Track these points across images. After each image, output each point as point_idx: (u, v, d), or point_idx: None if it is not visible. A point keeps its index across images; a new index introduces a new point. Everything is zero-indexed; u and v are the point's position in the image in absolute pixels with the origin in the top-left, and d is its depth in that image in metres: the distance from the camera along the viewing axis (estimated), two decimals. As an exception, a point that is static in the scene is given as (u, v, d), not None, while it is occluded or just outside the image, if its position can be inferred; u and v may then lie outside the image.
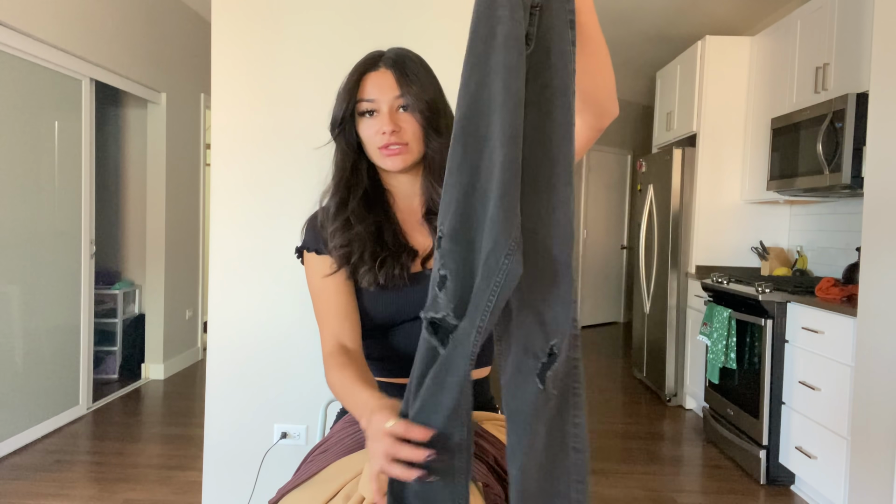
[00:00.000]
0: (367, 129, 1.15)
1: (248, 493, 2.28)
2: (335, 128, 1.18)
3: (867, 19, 2.76)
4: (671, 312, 4.14)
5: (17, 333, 3.14)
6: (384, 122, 1.12)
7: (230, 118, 2.27)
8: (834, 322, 2.53)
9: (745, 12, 4.43)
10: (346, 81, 1.16)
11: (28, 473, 2.80)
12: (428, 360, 0.78)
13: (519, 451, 0.77)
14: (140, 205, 4.59)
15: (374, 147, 1.15)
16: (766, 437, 2.91)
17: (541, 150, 0.78)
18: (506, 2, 0.75)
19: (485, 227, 0.73)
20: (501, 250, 0.71)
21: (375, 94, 1.13)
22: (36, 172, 3.26)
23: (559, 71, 0.78)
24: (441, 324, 0.76)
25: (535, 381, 0.77)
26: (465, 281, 0.75)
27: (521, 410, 0.77)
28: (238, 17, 2.24)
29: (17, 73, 3.10)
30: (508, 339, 0.79)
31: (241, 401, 2.31)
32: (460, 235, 0.75)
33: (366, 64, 1.16)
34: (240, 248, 2.29)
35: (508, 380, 0.78)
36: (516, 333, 0.78)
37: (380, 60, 1.16)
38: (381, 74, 1.14)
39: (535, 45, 0.78)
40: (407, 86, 1.13)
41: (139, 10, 4.05)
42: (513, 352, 0.78)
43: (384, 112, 1.13)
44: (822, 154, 2.92)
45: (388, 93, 1.13)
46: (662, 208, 4.27)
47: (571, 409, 0.80)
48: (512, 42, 0.74)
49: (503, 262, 0.71)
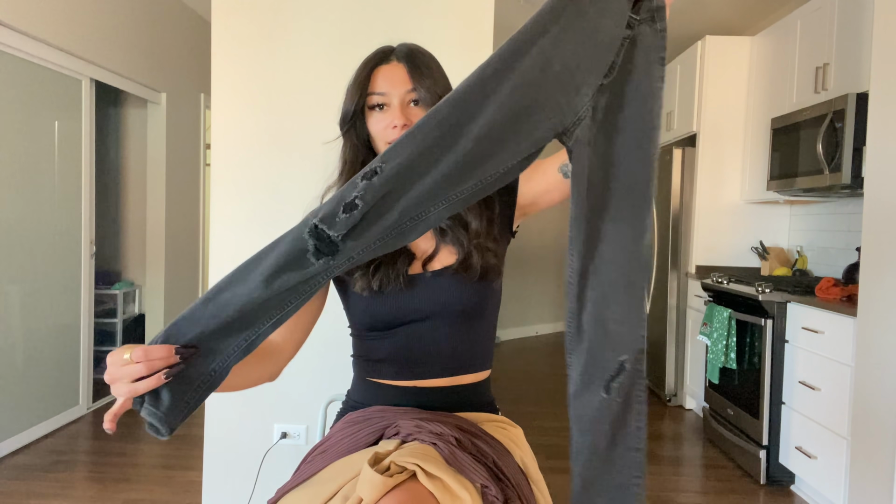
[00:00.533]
0: (376, 123, 1.12)
1: (248, 493, 2.28)
2: (345, 123, 1.15)
3: (867, 19, 2.76)
4: (671, 312, 4.14)
5: (17, 333, 3.14)
6: (395, 116, 1.10)
7: (230, 118, 2.27)
8: (834, 322, 2.53)
9: (745, 12, 4.43)
10: (356, 75, 1.13)
11: (28, 473, 2.80)
12: (291, 258, 0.81)
13: (584, 450, 0.87)
14: (140, 205, 4.59)
15: (384, 141, 1.13)
16: (766, 437, 2.91)
17: (618, 181, 0.82)
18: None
19: (411, 191, 0.80)
20: (409, 217, 0.81)
21: (387, 87, 1.10)
22: (36, 172, 3.26)
23: (639, 105, 0.81)
24: (325, 239, 0.81)
25: (601, 391, 0.85)
26: (370, 219, 0.81)
27: (586, 415, 0.86)
28: (238, 17, 2.24)
29: (17, 73, 3.10)
30: (581, 353, 0.86)
31: (241, 401, 2.31)
32: (392, 182, 0.80)
33: (376, 57, 1.13)
34: (240, 248, 2.29)
35: (577, 389, 0.86)
36: (588, 348, 0.85)
37: (391, 54, 1.14)
38: (392, 67, 1.11)
39: (617, 75, 0.81)
40: (419, 79, 1.10)
41: (139, 10, 4.05)
42: (584, 363, 0.85)
43: (395, 106, 1.10)
44: (822, 154, 2.92)
45: (399, 86, 1.10)
46: (662, 208, 4.27)
47: (635, 415, 0.87)
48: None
49: (406, 224, 0.81)
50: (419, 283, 1.15)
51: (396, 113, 1.10)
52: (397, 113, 1.10)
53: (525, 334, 6.51)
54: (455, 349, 1.18)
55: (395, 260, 1.14)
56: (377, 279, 1.12)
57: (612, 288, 0.83)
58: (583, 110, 0.81)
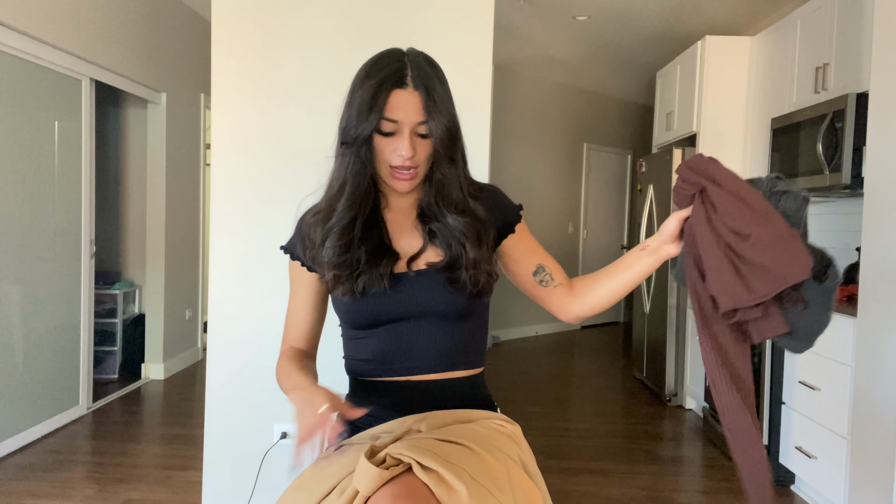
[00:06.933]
0: (383, 145, 1.11)
1: (248, 493, 2.28)
2: (357, 141, 1.11)
3: (867, 19, 2.76)
4: (671, 312, 4.14)
5: (17, 333, 3.15)
6: (404, 146, 1.10)
7: (230, 118, 2.27)
8: (834, 322, 2.53)
9: (745, 12, 4.43)
10: (372, 93, 1.09)
11: (28, 473, 2.80)
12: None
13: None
14: (140, 205, 4.59)
15: (386, 165, 1.13)
16: (766, 437, 2.91)
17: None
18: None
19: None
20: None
21: (401, 115, 1.09)
22: (36, 172, 3.26)
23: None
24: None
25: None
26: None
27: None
28: (238, 17, 2.25)
29: (17, 73, 3.10)
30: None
31: (241, 401, 2.31)
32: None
33: (393, 78, 1.09)
34: (240, 248, 2.29)
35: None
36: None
37: (406, 76, 1.10)
38: (408, 95, 1.09)
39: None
40: (431, 113, 1.10)
41: (139, 10, 4.05)
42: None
43: (405, 135, 1.10)
44: (822, 154, 2.92)
45: (412, 116, 1.09)
46: (662, 208, 4.27)
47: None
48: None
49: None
50: (401, 281, 1.17)
51: (406, 144, 1.10)
52: (407, 144, 1.10)
53: (525, 334, 6.51)
54: (444, 345, 1.20)
55: (379, 262, 1.15)
56: (360, 283, 1.14)
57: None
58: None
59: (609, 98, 7.34)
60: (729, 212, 0.99)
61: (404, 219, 1.22)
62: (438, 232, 1.17)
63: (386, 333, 1.19)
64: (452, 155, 1.15)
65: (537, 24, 4.85)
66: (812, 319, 1.02)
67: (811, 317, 1.01)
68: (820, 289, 1.00)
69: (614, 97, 7.38)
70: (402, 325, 1.18)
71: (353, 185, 1.15)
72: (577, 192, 7.06)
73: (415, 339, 1.18)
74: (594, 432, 3.49)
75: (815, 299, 1.00)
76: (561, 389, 4.50)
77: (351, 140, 1.12)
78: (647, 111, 7.41)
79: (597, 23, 4.79)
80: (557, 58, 5.85)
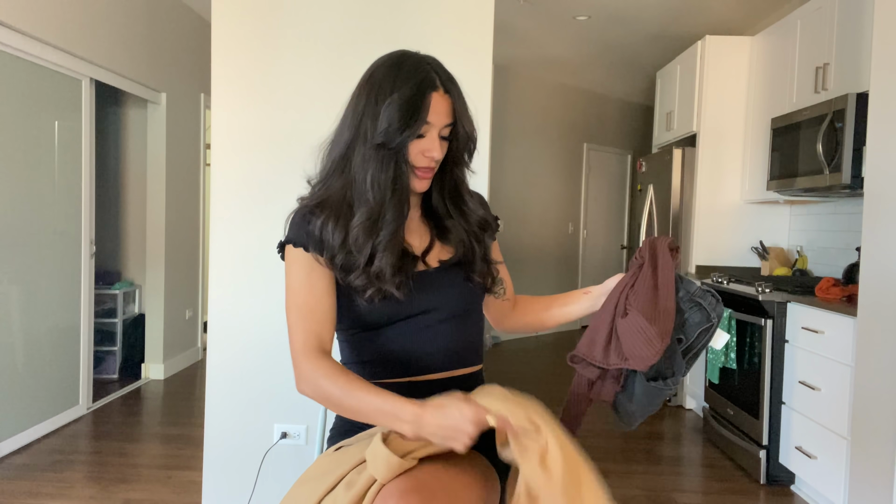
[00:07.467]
0: (413, 146, 1.12)
1: (248, 493, 2.28)
2: (400, 145, 1.10)
3: (867, 19, 2.76)
4: (671, 312, 4.13)
5: (17, 333, 3.14)
6: (434, 148, 1.12)
7: (230, 118, 2.27)
8: (834, 322, 2.53)
9: (745, 12, 4.43)
10: (412, 95, 1.09)
11: (28, 473, 2.80)
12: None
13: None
14: (140, 205, 4.59)
15: (415, 165, 1.14)
16: (766, 437, 2.91)
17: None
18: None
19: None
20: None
21: (434, 118, 1.11)
22: (36, 172, 3.26)
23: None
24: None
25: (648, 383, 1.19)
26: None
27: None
28: (238, 17, 2.25)
29: (17, 73, 3.10)
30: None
31: (241, 401, 2.31)
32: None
33: (427, 81, 1.11)
34: (240, 248, 2.29)
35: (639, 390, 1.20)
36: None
37: (436, 79, 1.12)
38: (442, 98, 1.11)
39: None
40: (458, 116, 1.14)
41: (139, 10, 4.05)
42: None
43: (435, 137, 1.12)
44: (822, 154, 2.92)
45: (443, 119, 1.12)
46: (662, 208, 4.27)
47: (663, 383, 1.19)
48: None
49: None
50: (424, 279, 1.18)
51: (437, 146, 1.12)
52: (437, 145, 1.12)
53: (525, 334, 6.51)
54: (454, 340, 1.21)
55: (404, 262, 1.14)
56: (394, 284, 1.11)
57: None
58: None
59: (609, 98, 7.34)
60: (637, 292, 1.16)
61: (409, 217, 1.22)
62: (452, 229, 1.21)
63: (393, 333, 1.18)
64: (469, 156, 1.20)
65: (537, 24, 4.85)
66: (631, 406, 1.21)
67: (630, 402, 1.20)
68: (652, 387, 1.17)
69: (614, 97, 7.39)
70: (413, 321, 1.17)
71: (400, 192, 1.13)
72: (577, 192, 7.06)
73: (428, 337, 1.18)
74: (594, 432, 3.49)
75: (641, 391, 1.18)
76: (561, 389, 4.50)
77: (395, 144, 1.10)
78: (647, 111, 7.41)
79: (597, 23, 4.79)
80: (557, 58, 5.85)
